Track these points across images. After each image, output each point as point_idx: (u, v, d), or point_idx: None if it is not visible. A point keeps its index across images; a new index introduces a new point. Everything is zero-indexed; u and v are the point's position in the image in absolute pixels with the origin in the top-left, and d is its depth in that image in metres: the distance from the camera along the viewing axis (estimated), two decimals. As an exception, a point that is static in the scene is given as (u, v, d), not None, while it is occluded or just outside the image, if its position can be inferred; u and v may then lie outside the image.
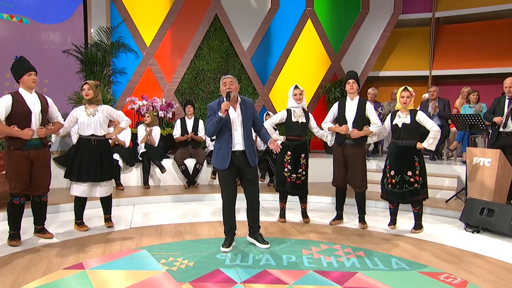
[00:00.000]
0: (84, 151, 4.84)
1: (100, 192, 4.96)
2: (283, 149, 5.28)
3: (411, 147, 4.88)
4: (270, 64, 10.51)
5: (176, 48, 9.91)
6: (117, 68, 9.13)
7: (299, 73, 10.50)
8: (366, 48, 10.68)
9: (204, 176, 7.89)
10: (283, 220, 5.50)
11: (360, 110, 5.07)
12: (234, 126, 4.21)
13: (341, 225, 5.39)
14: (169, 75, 9.88)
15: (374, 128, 5.07)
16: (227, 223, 4.35)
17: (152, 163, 7.49)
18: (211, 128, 4.14)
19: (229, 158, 4.18)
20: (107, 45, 8.75)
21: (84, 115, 4.86)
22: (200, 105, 10.00)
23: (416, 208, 5.05)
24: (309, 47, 10.60)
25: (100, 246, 4.40)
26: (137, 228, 5.20)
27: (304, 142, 5.33)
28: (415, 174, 4.85)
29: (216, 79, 10.12)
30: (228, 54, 10.22)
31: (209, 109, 4.24)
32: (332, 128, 5.29)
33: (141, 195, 6.79)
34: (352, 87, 5.08)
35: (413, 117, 4.88)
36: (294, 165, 5.25)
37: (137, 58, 9.53)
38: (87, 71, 8.52)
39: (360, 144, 5.11)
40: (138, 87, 9.62)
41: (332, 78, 10.65)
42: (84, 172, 4.80)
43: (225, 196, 4.27)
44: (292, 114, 5.27)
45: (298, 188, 5.32)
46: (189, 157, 7.78)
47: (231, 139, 4.19)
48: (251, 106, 4.32)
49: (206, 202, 6.86)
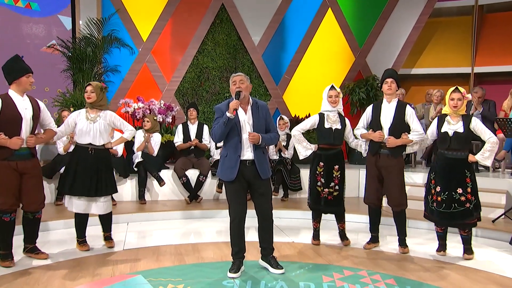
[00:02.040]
0: (79, 161, 4.89)
1: (97, 209, 5.00)
2: (315, 159, 5.31)
3: (462, 159, 4.81)
4: (284, 61, 10.51)
5: (177, 43, 9.96)
6: (109, 66, 9.22)
7: (318, 71, 10.50)
8: (396, 42, 10.64)
9: (209, 190, 7.87)
10: (317, 243, 5.46)
11: (399, 114, 5.02)
12: (243, 130, 4.22)
13: (376, 249, 5.32)
14: (169, 74, 9.92)
15: (414, 136, 5.00)
16: (235, 244, 4.33)
17: (149, 174, 7.49)
18: (217, 131, 4.15)
19: (237, 168, 4.17)
20: (98, 39, 8.83)
21: (84, 121, 4.92)
22: (204, 108, 10.02)
23: (465, 231, 4.95)
24: (330, 41, 10.59)
25: (88, 271, 4.39)
26: (131, 249, 5.19)
27: (338, 152, 5.30)
28: (466, 191, 4.78)
29: (222, 78, 10.15)
30: (236, 49, 10.24)
31: (217, 111, 4.26)
32: (365, 135, 5.26)
33: (136, 212, 6.78)
34: (391, 88, 5.03)
35: (467, 124, 4.80)
36: (326, 178, 5.23)
37: (132, 54, 9.59)
38: (75, 69, 8.59)
39: (397, 154, 5.05)
40: (133, 87, 9.67)
41: (356, 77, 10.61)
42: (77, 185, 4.84)
43: (233, 212, 4.27)
44: (325, 119, 5.26)
45: (331, 205, 5.28)
46: (191, 167, 7.77)
47: (239, 145, 4.20)
48: (264, 110, 4.34)
49: (211, 220, 6.83)
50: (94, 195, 4.90)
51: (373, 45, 10.72)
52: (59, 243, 5.41)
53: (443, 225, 5.01)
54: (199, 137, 7.84)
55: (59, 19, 9.13)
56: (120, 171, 7.30)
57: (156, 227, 6.42)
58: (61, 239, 5.57)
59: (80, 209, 4.93)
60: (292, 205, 7.40)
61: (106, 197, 5.01)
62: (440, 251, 5.10)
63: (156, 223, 6.60)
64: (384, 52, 10.66)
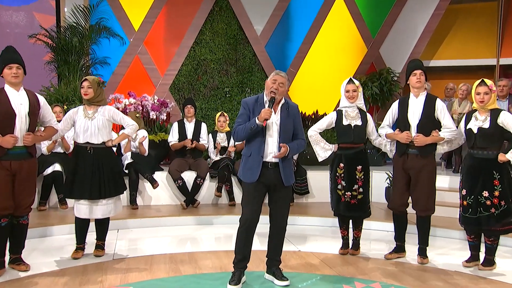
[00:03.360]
0: (78, 162, 4.93)
1: (99, 212, 5.01)
2: (335, 160, 5.31)
3: (490, 159, 4.76)
4: (289, 53, 10.51)
5: (172, 33, 9.97)
6: (98, 58, 9.24)
7: (326, 64, 10.51)
8: (412, 31, 10.62)
9: (207, 194, 7.86)
10: (345, 252, 5.44)
11: (428, 109, 4.99)
12: (269, 131, 4.26)
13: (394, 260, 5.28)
14: (163, 67, 9.93)
15: (446, 134, 4.97)
16: (240, 251, 4.32)
17: (141, 176, 7.49)
18: (242, 134, 4.23)
19: (259, 169, 4.21)
20: (85, 28, 8.83)
21: (82, 118, 4.96)
22: (202, 104, 10.03)
23: (489, 239, 4.89)
24: (339, 30, 10.59)
25: (74, 283, 4.37)
26: (121, 259, 5.18)
27: (361, 151, 5.28)
28: (493, 195, 4.73)
29: (221, 72, 10.16)
30: (236, 40, 10.25)
31: (243, 105, 4.32)
32: (390, 135, 5.23)
33: (126, 217, 6.76)
34: (420, 80, 5.00)
35: (494, 119, 4.75)
36: (348, 180, 5.21)
37: (123, 45, 9.60)
38: (60, 60, 8.60)
39: (428, 154, 5.02)
40: (124, 81, 9.68)
41: (369, 70, 10.62)
42: (77, 188, 4.89)
43: (245, 216, 4.27)
44: (343, 116, 5.27)
45: (354, 210, 5.26)
46: (187, 169, 7.75)
47: (263, 146, 4.24)
48: (294, 112, 4.39)
49: (209, 226, 6.83)
50: (98, 198, 4.95)
51: (388, 34, 10.71)
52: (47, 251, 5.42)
53: (471, 232, 4.97)
54: (196, 137, 7.82)
55: (42, 6, 9.12)
56: None
57: (149, 234, 6.40)
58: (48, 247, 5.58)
59: (82, 213, 4.96)
60: (299, 211, 7.37)
61: (110, 199, 5.04)
62: (470, 261, 5.04)
63: (149, 230, 6.58)
64: (399, 43, 10.65)
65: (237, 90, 10.21)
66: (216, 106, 10.06)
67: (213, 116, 9.54)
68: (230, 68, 10.21)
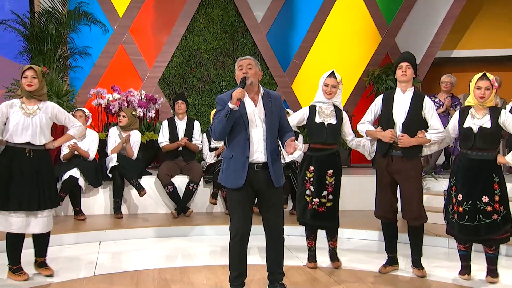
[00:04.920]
0: (13, 166, 4.77)
1: (35, 226, 4.82)
2: (304, 163, 5.31)
3: (490, 161, 4.81)
4: (294, 42, 10.52)
5: (161, 19, 9.95)
6: (77, 47, 9.22)
7: (335, 54, 10.48)
8: (432, 18, 10.58)
9: (200, 201, 7.84)
10: (313, 265, 5.45)
11: (415, 107, 5.04)
12: (252, 125, 4.23)
13: (395, 272, 5.31)
14: (151, 58, 9.92)
15: (433, 135, 5.02)
16: (234, 268, 4.29)
17: (126, 182, 7.47)
18: (218, 126, 4.16)
19: (245, 172, 4.17)
20: (63, 14, 8.80)
21: (19, 114, 4.80)
22: (194, 100, 10.02)
23: (490, 249, 4.95)
24: (350, 17, 10.58)
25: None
26: (104, 275, 5.15)
27: (333, 153, 5.29)
28: (493, 200, 4.76)
29: (217, 63, 10.16)
30: (234, 28, 10.25)
31: (218, 102, 4.27)
32: (372, 133, 5.25)
33: (110, 228, 6.75)
34: (406, 73, 5.04)
35: (495, 118, 4.81)
36: (317, 186, 5.22)
37: (106, 33, 9.57)
38: (34, 51, 8.58)
39: (413, 156, 5.06)
40: (107, 74, 9.67)
41: (383, 61, 10.59)
42: (14, 198, 4.72)
43: (235, 228, 4.24)
44: (317, 113, 5.28)
45: (321, 219, 5.25)
46: (179, 173, 7.75)
47: (247, 144, 4.19)
48: (277, 102, 4.37)
49: (203, 238, 6.80)
50: (37, 209, 4.78)
51: (405, 21, 10.69)
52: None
53: (466, 241, 5.01)
54: (189, 136, 7.81)
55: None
56: (90, 178, 7.27)
57: (135, 247, 6.39)
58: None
59: (17, 227, 4.75)
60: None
61: (49, 211, 4.91)
62: (463, 274, 5.08)
63: (135, 242, 6.55)
64: (418, 31, 10.62)
65: (234, 84, 10.10)
66: (211, 102, 10.03)
67: (207, 114, 9.56)
68: (227, 59, 10.21)
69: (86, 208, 7.39)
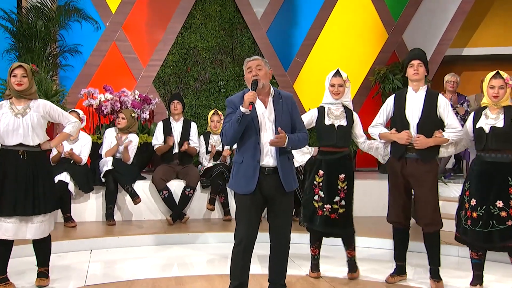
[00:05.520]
0: (8, 170, 4.77)
1: (32, 232, 4.82)
2: (314, 166, 5.33)
3: (505, 164, 4.81)
4: (296, 40, 10.53)
5: (156, 16, 9.95)
6: (67, 45, 9.21)
7: (339, 52, 10.49)
8: (442, 14, 10.57)
9: (197, 207, 7.86)
10: (316, 275, 5.46)
11: (429, 106, 5.05)
12: (262, 128, 4.26)
13: (403, 283, 5.30)
14: (146, 56, 9.91)
15: (451, 134, 5.03)
16: (236, 276, 4.29)
17: (120, 187, 7.48)
18: (229, 131, 4.17)
19: (256, 177, 4.19)
20: (52, 10, 8.78)
21: (9, 115, 4.80)
22: (191, 101, 10.02)
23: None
24: (355, 13, 10.60)
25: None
26: (95, 285, 5.15)
27: (344, 156, 5.32)
28: (508, 205, 4.75)
29: (215, 62, 10.16)
30: (233, 24, 10.25)
31: (228, 104, 4.29)
32: (386, 135, 5.27)
33: (102, 235, 6.76)
34: (418, 72, 5.06)
35: (509, 117, 4.82)
36: (328, 191, 5.23)
37: (97, 30, 9.57)
38: (22, 48, 8.58)
39: (430, 159, 5.07)
40: (99, 73, 9.66)
41: (390, 60, 10.61)
42: (7, 202, 4.70)
43: (240, 235, 4.26)
44: (326, 114, 5.31)
45: (334, 226, 5.26)
46: (174, 177, 7.78)
47: (258, 148, 4.22)
48: (289, 102, 4.39)
49: (200, 246, 6.82)
50: (31, 214, 4.76)
51: (412, 17, 10.70)
52: None
53: (479, 249, 4.99)
54: (185, 139, 7.83)
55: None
56: (81, 183, 7.25)
57: (128, 255, 6.40)
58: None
59: (9, 234, 4.72)
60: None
61: (44, 215, 4.88)
62: (475, 284, 5.05)
63: (128, 251, 6.56)
64: (426, 27, 10.62)
65: (233, 84, 10.19)
66: (208, 103, 10.05)
67: (205, 115, 9.55)
68: (225, 57, 10.21)
69: (76, 215, 7.39)
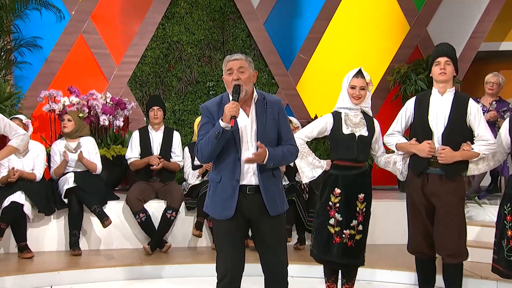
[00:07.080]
0: None
1: None
2: (327, 184, 5.36)
3: None
4: (299, 33, 10.59)
5: (132, 4, 9.96)
6: (24, 38, 9.21)
7: (351, 48, 10.55)
8: (474, 3, 10.63)
9: (181, 233, 7.86)
10: None
11: (458, 113, 5.09)
12: (244, 142, 4.28)
13: None
14: (119, 52, 9.93)
15: (482, 148, 5.04)
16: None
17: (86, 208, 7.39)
18: (206, 148, 4.17)
19: (235, 199, 4.20)
20: (6, -4, 8.75)
21: None
22: (174, 106, 10.05)
23: None
24: (370, 0, 10.63)
25: None
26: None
27: (363, 172, 5.38)
28: None
29: (203, 59, 10.21)
30: (224, 14, 10.28)
31: (203, 112, 4.37)
32: (404, 146, 5.31)
33: (65, 268, 6.75)
34: (445, 71, 5.09)
35: None
36: (346, 213, 5.24)
37: (61, 21, 9.57)
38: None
39: (456, 176, 5.12)
40: (63, 72, 9.65)
41: (412, 56, 10.64)
42: None
43: (222, 268, 4.29)
44: (343, 122, 5.32)
45: (349, 256, 5.26)
46: (153, 197, 7.82)
47: (238, 164, 4.23)
48: (275, 108, 4.40)
49: (185, 280, 6.80)
50: None
51: (439, 7, 10.71)
52: None
53: None
54: (166, 151, 7.91)
55: None
56: (39, 204, 7.22)
57: (97, 292, 6.30)
58: None
59: None
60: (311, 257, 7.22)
61: None
62: None
63: (97, 287, 6.55)
64: (455, 18, 10.66)
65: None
66: (194, 107, 10.07)
67: (190, 122, 9.66)
68: (215, 53, 10.25)
69: (33, 243, 7.33)
